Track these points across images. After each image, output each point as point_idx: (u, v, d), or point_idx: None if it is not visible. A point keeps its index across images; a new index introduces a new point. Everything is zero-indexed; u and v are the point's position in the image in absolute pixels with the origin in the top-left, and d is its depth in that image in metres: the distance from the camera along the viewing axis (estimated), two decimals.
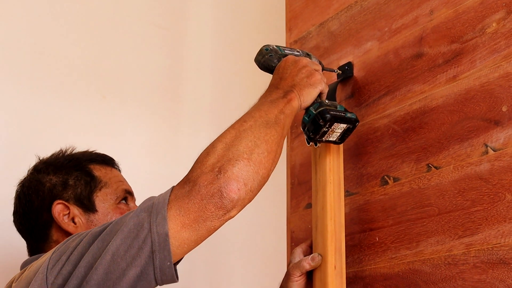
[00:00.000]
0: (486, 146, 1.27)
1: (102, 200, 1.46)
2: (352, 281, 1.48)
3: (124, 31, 2.10)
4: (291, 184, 1.72)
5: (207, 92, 2.22)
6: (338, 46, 1.63)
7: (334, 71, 1.59)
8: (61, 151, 1.52)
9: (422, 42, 1.42)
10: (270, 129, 1.24)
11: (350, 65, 1.58)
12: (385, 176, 1.46)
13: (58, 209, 1.43)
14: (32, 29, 1.95)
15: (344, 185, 1.46)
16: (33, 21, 1.96)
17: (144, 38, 2.13)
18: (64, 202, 1.44)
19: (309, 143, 1.44)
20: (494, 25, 1.29)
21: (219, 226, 1.18)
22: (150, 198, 1.20)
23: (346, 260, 1.43)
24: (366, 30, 1.56)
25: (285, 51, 1.45)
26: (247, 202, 1.19)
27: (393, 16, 1.50)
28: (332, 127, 1.38)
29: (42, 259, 1.24)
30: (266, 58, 1.43)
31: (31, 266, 1.27)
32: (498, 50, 1.27)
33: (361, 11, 1.58)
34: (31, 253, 1.46)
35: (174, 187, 1.19)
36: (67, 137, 1.87)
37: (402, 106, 1.45)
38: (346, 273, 1.42)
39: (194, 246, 1.18)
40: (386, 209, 1.44)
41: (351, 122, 1.39)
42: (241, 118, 1.25)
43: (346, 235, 1.45)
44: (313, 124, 1.37)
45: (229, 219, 1.18)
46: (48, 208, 1.44)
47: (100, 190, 1.46)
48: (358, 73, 1.56)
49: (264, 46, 1.44)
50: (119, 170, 1.54)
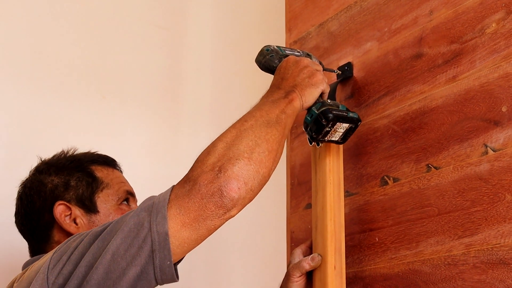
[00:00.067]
0: (486, 147, 1.27)
1: (104, 201, 1.46)
2: (352, 281, 1.48)
3: (124, 31, 2.10)
4: (291, 184, 1.72)
5: (207, 92, 2.22)
6: (337, 46, 1.63)
7: (334, 72, 1.59)
8: (62, 152, 1.52)
9: (422, 43, 1.42)
10: (271, 128, 1.24)
11: (349, 65, 1.58)
12: (385, 176, 1.46)
13: (60, 210, 1.43)
14: (32, 29, 1.95)
15: (344, 185, 1.46)
16: (33, 21, 1.96)
17: (144, 38, 2.13)
18: (65, 203, 1.44)
19: (311, 143, 1.44)
20: (493, 25, 1.29)
21: (220, 225, 1.18)
22: (151, 198, 1.20)
23: (346, 260, 1.43)
24: (366, 30, 1.56)
25: (286, 52, 1.45)
26: (248, 202, 1.19)
27: (392, 16, 1.50)
28: (334, 127, 1.38)
29: (43, 259, 1.24)
30: (267, 59, 1.43)
31: (32, 266, 1.27)
32: (497, 50, 1.27)
33: (360, 12, 1.58)
34: (33, 253, 1.46)
35: (174, 186, 1.19)
36: (67, 137, 1.87)
37: (401, 106, 1.45)
38: (346, 273, 1.42)
39: (195, 246, 1.18)
40: (386, 209, 1.44)
41: (354, 121, 1.39)
42: (242, 117, 1.25)
43: (346, 236, 1.45)
44: (315, 124, 1.37)
45: (229, 218, 1.18)
46: (49, 209, 1.44)
47: (101, 191, 1.46)
48: (357, 73, 1.56)
49: (265, 47, 1.44)
50: (121, 171, 1.54)
